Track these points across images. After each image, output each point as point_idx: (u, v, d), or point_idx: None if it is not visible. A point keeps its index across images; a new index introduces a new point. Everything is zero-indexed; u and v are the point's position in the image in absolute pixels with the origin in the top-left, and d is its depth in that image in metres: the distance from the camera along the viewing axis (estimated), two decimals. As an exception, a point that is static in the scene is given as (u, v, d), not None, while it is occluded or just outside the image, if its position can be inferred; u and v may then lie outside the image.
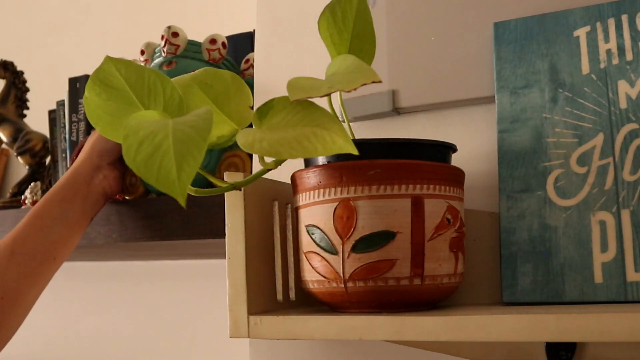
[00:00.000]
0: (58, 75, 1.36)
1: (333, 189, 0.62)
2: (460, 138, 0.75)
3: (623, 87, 0.67)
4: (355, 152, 0.53)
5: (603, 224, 0.66)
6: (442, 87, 0.76)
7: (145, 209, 0.94)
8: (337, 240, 0.61)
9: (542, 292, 0.67)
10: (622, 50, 0.68)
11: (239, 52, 1.01)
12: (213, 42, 0.94)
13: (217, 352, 1.37)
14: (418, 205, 0.61)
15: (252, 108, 0.66)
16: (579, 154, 0.68)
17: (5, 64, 1.40)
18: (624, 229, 0.65)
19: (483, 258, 0.72)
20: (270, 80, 0.88)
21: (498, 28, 0.73)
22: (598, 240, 0.65)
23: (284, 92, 0.59)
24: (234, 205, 0.66)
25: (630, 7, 0.68)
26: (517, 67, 0.72)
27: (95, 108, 0.62)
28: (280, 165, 0.61)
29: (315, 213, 0.63)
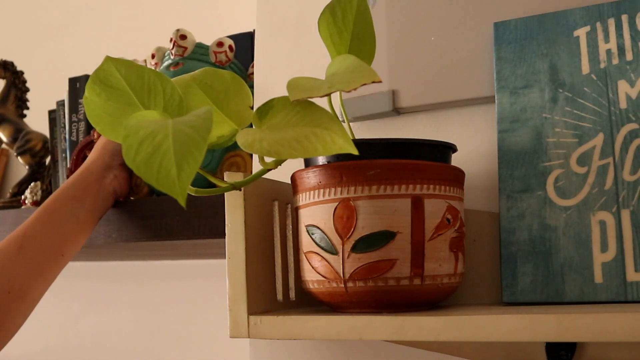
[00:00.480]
0: (58, 75, 1.36)
1: (333, 189, 0.62)
2: (460, 138, 0.75)
3: (623, 87, 0.67)
4: (355, 152, 0.53)
5: (603, 224, 0.66)
6: (442, 87, 0.76)
7: (145, 209, 0.94)
8: (337, 240, 0.61)
9: (542, 292, 0.67)
10: (622, 50, 0.68)
11: (239, 52, 1.01)
12: (220, 45, 0.95)
13: (217, 352, 1.37)
14: (418, 205, 0.61)
15: (252, 108, 0.66)
16: (579, 154, 0.68)
17: (5, 64, 1.40)
18: (624, 229, 0.65)
19: (483, 258, 0.72)
20: (270, 80, 0.88)
21: (498, 28, 0.73)
22: (598, 240, 0.65)
23: (284, 92, 0.59)
24: (234, 205, 0.66)
25: (630, 7, 0.68)
26: (517, 67, 0.72)
27: (95, 108, 0.63)
28: (280, 165, 0.61)
29: (315, 213, 0.63)
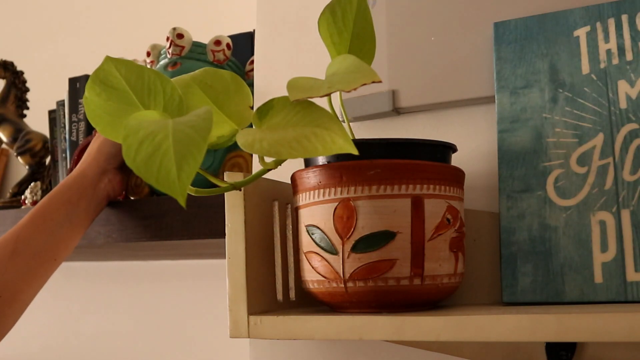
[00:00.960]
0: (58, 75, 1.36)
1: (333, 189, 0.62)
2: (460, 138, 0.75)
3: (623, 87, 0.67)
4: (355, 152, 0.53)
5: (603, 224, 0.66)
6: (442, 87, 0.76)
7: (145, 209, 0.94)
8: (337, 240, 0.61)
9: (542, 292, 0.67)
10: (622, 50, 0.68)
11: (239, 52, 1.01)
12: (217, 43, 0.94)
13: (217, 352, 1.37)
14: (418, 205, 0.61)
15: (252, 108, 0.66)
16: (579, 154, 0.68)
17: (5, 64, 1.40)
18: (624, 229, 0.65)
19: (483, 258, 0.72)
20: (270, 80, 0.88)
21: (498, 28, 0.73)
22: (598, 240, 0.65)
23: (284, 92, 0.59)
24: (234, 205, 0.66)
25: (630, 7, 0.68)
26: (517, 67, 0.72)
27: (95, 108, 0.62)
28: (280, 165, 0.61)
29: (315, 213, 0.63)
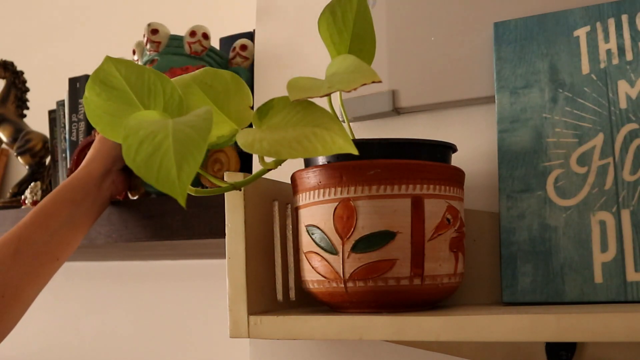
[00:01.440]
0: (58, 75, 1.36)
1: (333, 189, 0.62)
2: (460, 138, 0.75)
3: (623, 87, 0.67)
4: (355, 152, 0.53)
5: (603, 224, 0.66)
6: (442, 87, 0.76)
7: (146, 209, 0.94)
8: (337, 240, 0.61)
9: (542, 292, 0.67)
10: (622, 50, 0.68)
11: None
12: (193, 34, 0.91)
13: (217, 352, 1.37)
14: (418, 205, 0.61)
15: (252, 108, 0.66)
16: (579, 154, 0.68)
17: (5, 64, 1.40)
18: (624, 229, 0.65)
19: (483, 258, 0.72)
20: (270, 80, 0.88)
21: (498, 28, 0.73)
22: (598, 240, 0.65)
23: (284, 92, 0.59)
24: (234, 205, 0.66)
25: (630, 7, 0.68)
26: (517, 67, 0.72)
27: (95, 108, 0.62)
28: (280, 165, 0.61)
29: (315, 213, 0.63)
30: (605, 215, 0.66)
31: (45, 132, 1.33)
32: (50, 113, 1.30)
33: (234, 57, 0.96)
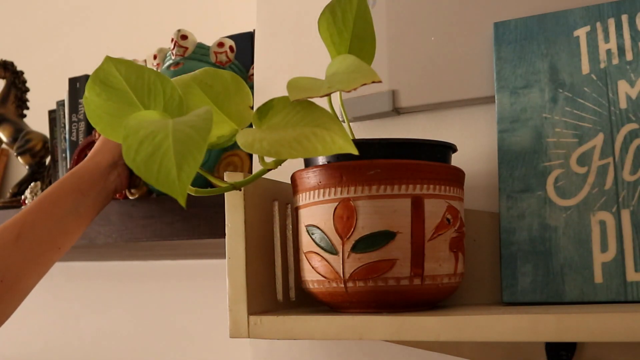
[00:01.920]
0: (58, 75, 1.36)
1: (333, 189, 0.62)
2: (460, 138, 0.75)
3: (623, 87, 0.67)
4: (355, 152, 0.53)
5: (603, 224, 0.66)
6: (442, 87, 0.76)
7: (145, 209, 0.94)
8: (337, 240, 0.61)
9: (542, 292, 0.67)
10: (622, 50, 0.68)
11: (239, 52, 1.01)
12: (221, 45, 0.95)
13: (217, 352, 1.37)
14: (418, 205, 0.61)
15: (252, 108, 0.66)
16: (579, 154, 0.68)
17: (5, 64, 1.40)
18: (624, 229, 0.65)
19: (483, 258, 0.72)
20: (270, 80, 0.88)
21: (498, 28, 0.73)
22: (598, 240, 0.65)
23: (284, 92, 0.59)
24: (234, 205, 0.66)
25: (630, 7, 0.68)
26: (517, 67, 0.72)
27: (95, 108, 0.63)
28: (280, 165, 0.61)
29: (315, 213, 0.63)
30: (605, 215, 0.66)
31: (45, 132, 1.33)
32: (50, 113, 1.30)
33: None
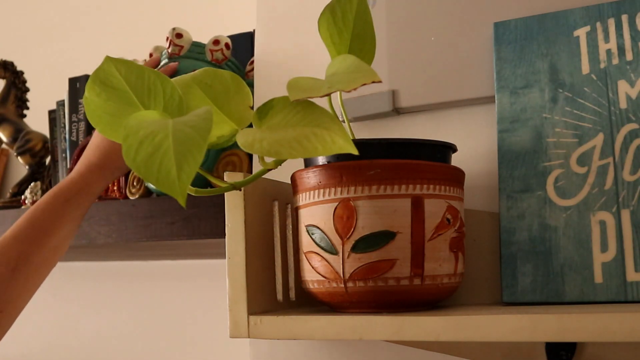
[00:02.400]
0: (58, 75, 1.36)
1: (333, 189, 0.62)
2: (460, 138, 0.75)
3: (623, 87, 0.67)
4: (355, 152, 0.53)
5: (603, 224, 0.66)
6: (442, 87, 0.76)
7: (146, 209, 0.94)
8: (337, 240, 0.61)
9: (542, 292, 0.67)
10: (622, 50, 0.68)
11: (239, 52, 1.01)
12: (216, 43, 0.95)
13: (217, 352, 1.37)
14: (418, 205, 0.61)
15: (252, 108, 0.66)
16: (579, 154, 0.68)
17: (5, 64, 1.40)
18: (624, 229, 0.65)
19: (483, 258, 0.72)
20: (270, 80, 0.88)
21: (498, 28, 0.73)
22: (598, 240, 0.65)
23: (284, 92, 0.59)
24: (234, 205, 0.66)
25: (630, 7, 0.68)
26: (517, 67, 0.72)
27: (95, 108, 0.63)
28: (280, 165, 0.61)
29: (315, 213, 0.63)
30: (605, 215, 0.66)
31: (45, 132, 1.33)
32: (50, 113, 1.30)
33: (252, 70, 0.97)
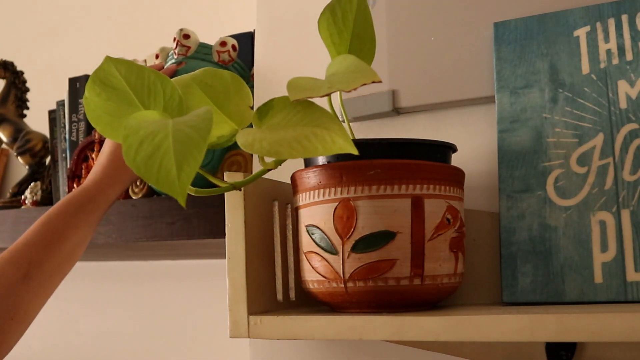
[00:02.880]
0: (58, 75, 1.36)
1: (333, 189, 0.62)
2: (460, 138, 0.75)
3: (623, 87, 0.67)
4: (355, 152, 0.53)
5: (603, 224, 0.66)
6: (442, 87, 0.76)
7: (146, 209, 0.94)
8: (337, 240, 0.61)
9: (542, 292, 0.67)
10: (622, 50, 0.68)
11: (239, 52, 1.01)
12: (223, 44, 0.95)
13: (217, 352, 1.37)
14: (418, 205, 0.61)
15: (252, 108, 0.66)
16: (579, 154, 0.68)
17: (5, 64, 1.40)
18: (624, 229, 0.65)
19: (483, 258, 0.72)
20: (270, 80, 0.88)
21: (498, 28, 0.73)
22: (598, 240, 0.65)
23: (284, 92, 0.59)
24: (234, 205, 0.66)
25: (630, 7, 0.68)
26: (517, 67, 0.72)
27: (95, 108, 0.63)
28: (280, 165, 0.61)
29: (315, 213, 0.63)
30: (605, 215, 0.66)
31: (45, 132, 1.33)
32: (50, 113, 1.30)
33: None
